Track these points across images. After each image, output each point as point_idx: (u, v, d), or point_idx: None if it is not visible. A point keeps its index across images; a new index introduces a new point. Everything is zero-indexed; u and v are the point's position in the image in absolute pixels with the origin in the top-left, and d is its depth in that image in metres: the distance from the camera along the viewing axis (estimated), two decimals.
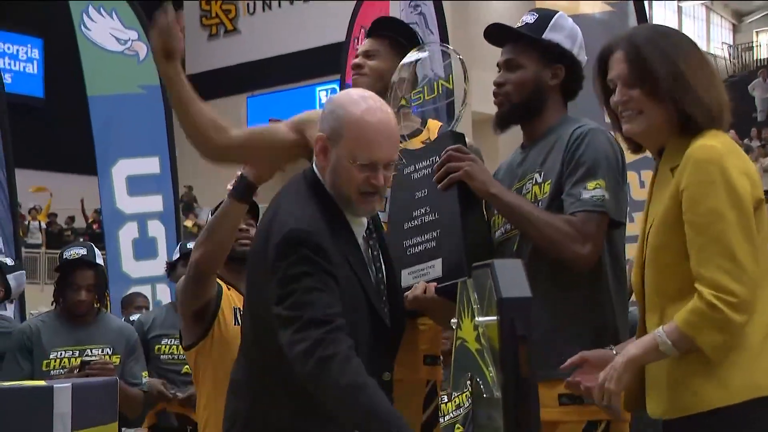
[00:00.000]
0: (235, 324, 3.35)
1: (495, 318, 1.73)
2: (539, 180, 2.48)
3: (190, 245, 4.45)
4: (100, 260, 4.07)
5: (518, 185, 2.53)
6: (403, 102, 2.75)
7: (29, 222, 19.93)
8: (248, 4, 21.97)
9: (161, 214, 7.19)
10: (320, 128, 2.26)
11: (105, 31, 7.11)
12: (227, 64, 21.56)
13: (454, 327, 1.96)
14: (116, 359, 3.97)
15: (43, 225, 20.24)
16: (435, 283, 2.48)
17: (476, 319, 1.82)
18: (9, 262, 5.01)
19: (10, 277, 4.76)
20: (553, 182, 2.45)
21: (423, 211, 2.56)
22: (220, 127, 2.65)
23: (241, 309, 3.38)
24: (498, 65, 2.59)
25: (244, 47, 21.40)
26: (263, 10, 21.68)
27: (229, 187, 2.92)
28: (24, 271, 5.10)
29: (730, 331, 1.97)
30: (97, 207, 17.56)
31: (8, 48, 23.09)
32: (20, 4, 21.56)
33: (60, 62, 18.58)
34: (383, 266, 2.34)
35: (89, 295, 3.96)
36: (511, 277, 1.75)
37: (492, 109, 2.59)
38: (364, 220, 2.30)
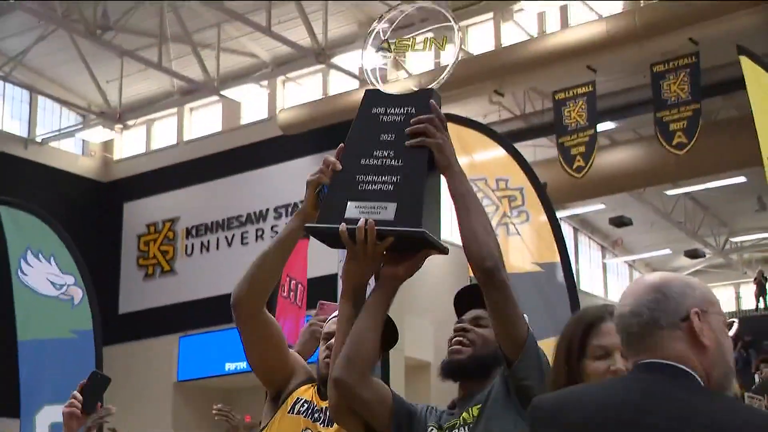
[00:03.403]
0: (289, 412, 3.19)
1: None
2: (469, 410, 2.62)
3: None
4: None
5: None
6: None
7: None
8: (186, 246, 22.26)
9: None
10: (687, 304, 1.91)
11: (41, 276, 7.07)
12: (161, 304, 21.48)
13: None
14: None
15: None
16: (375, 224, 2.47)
17: None
18: None
19: None
20: (481, 404, 2.60)
21: (386, 153, 2.56)
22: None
23: (307, 402, 3.20)
24: (462, 320, 2.76)
25: (179, 288, 21.44)
26: (201, 252, 21.94)
27: None
28: None
29: None
30: None
31: None
32: None
33: None
34: None
35: None
36: None
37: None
38: None
